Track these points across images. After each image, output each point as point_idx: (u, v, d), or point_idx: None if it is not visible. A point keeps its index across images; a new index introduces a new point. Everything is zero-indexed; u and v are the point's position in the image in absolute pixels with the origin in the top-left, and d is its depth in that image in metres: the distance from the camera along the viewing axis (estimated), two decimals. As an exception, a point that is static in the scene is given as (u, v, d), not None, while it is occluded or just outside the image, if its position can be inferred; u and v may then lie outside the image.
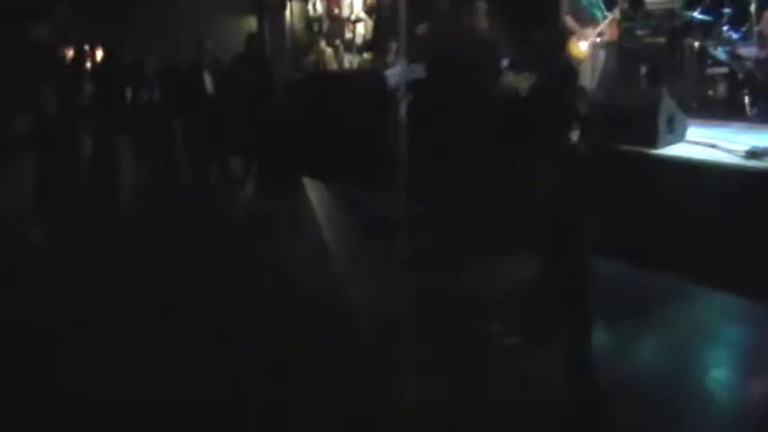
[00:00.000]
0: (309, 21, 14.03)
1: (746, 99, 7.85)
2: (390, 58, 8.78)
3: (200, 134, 9.30)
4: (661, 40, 8.66)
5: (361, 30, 12.43)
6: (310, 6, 14.01)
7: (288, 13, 14.02)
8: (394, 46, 8.48)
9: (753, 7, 8.05)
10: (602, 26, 8.17)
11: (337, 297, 4.99)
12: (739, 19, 8.23)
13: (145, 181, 9.44)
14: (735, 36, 8.21)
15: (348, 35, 12.64)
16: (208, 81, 9.36)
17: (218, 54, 9.89)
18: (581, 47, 8.03)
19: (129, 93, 9.71)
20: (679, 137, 6.61)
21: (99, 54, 11.44)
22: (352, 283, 5.20)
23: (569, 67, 5.06)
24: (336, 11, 13.09)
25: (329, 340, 4.35)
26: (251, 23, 12.99)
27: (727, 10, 8.24)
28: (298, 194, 7.99)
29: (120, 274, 5.66)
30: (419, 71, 7.35)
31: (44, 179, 6.19)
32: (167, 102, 9.56)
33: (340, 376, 3.90)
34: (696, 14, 8.41)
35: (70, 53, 10.15)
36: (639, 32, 8.82)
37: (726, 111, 7.92)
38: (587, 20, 8.22)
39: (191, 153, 9.46)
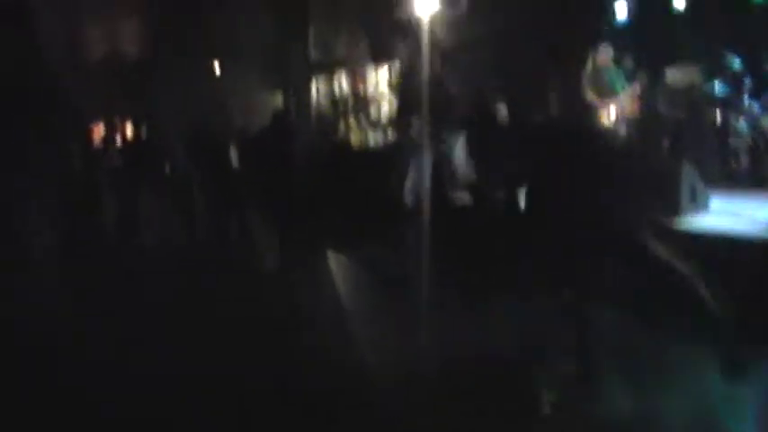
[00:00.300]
0: (335, 98, 14.29)
1: (770, 169, 7.74)
2: (414, 134, 8.87)
3: (225, 203, 9.45)
4: (682, 112, 8.87)
5: (386, 107, 12.47)
6: (336, 84, 14.29)
7: (314, 89, 14.30)
8: (417, 122, 8.58)
9: (773, 78, 8.03)
10: (623, 99, 8.32)
11: (355, 359, 5.04)
12: (760, 90, 8.37)
13: (171, 246, 9.52)
14: (756, 107, 8.34)
15: (373, 112, 12.73)
16: (234, 152, 9.52)
17: (246, 126, 10.03)
18: (602, 120, 8.17)
19: (157, 160, 9.90)
20: (702, 207, 6.68)
21: (128, 122, 11.67)
22: (370, 346, 5.24)
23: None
24: (361, 88, 13.29)
25: (342, 402, 4.41)
26: (278, 99, 13.28)
27: (747, 81, 8.40)
28: (320, 263, 8.07)
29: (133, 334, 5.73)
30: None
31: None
32: (194, 170, 9.72)
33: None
34: (716, 87, 8.56)
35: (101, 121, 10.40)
36: (661, 106, 8.99)
37: (749, 181, 8.01)
38: (608, 93, 8.31)
39: (216, 220, 9.58)
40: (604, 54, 8.43)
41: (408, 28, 9.01)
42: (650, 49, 9.05)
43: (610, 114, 8.26)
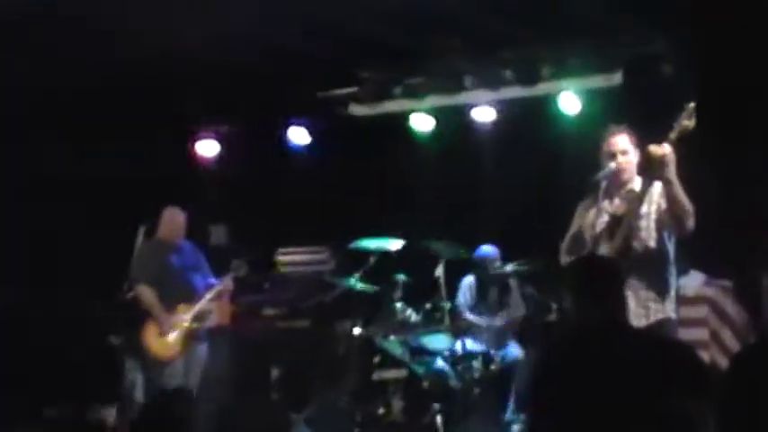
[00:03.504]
0: None
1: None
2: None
3: None
4: (303, 323, 8.15)
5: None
6: None
7: None
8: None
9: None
10: (203, 304, 7.03)
11: None
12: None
13: None
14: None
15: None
16: None
17: None
18: (167, 339, 6.80)
19: None
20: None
21: None
22: None
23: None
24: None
25: None
26: None
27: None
28: None
29: None
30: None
31: None
32: None
33: None
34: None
35: None
36: (270, 311, 8.19)
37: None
38: (181, 295, 7.04)
39: None
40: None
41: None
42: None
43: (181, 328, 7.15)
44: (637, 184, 5.09)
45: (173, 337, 6.84)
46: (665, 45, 6.81)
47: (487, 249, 7.53)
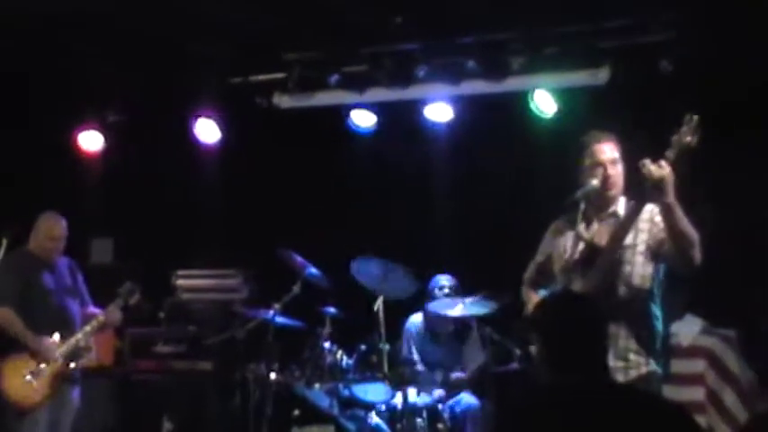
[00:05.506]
0: None
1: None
2: None
3: None
4: (206, 364, 7.56)
5: None
6: None
7: None
8: None
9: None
10: (80, 338, 6.29)
11: None
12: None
13: None
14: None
15: None
16: None
17: None
18: (31, 380, 6.04)
19: None
20: None
21: None
22: None
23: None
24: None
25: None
26: None
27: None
28: None
29: None
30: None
31: None
32: None
33: None
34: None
35: None
36: (165, 348, 7.68)
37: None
38: (53, 324, 6.28)
39: None
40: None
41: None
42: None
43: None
44: (621, 206, 4.64)
45: (39, 378, 6.14)
46: (663, 34, 6.33)
47: (441, 279, 7.14)
